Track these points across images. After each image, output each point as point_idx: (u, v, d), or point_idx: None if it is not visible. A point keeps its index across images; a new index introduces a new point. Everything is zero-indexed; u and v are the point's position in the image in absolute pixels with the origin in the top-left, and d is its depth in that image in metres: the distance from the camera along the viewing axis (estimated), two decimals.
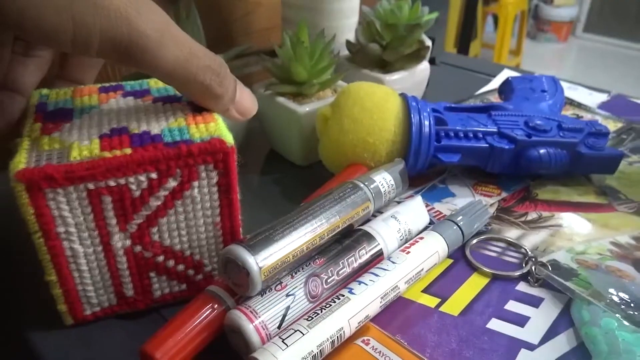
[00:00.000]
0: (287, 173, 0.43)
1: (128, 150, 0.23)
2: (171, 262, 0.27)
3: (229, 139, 0.25)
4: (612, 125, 0.47)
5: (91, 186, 0.23)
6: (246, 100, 0.28)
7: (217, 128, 0.25)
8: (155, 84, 0.30)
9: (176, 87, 0.25)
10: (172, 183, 0.24)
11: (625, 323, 0.25)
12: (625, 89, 0.56)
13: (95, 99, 0.28)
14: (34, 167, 0.22)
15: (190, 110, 0.27)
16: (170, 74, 0.23)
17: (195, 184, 0.25)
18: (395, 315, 0.27)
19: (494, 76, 0.60)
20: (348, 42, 0.49)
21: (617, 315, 0.26)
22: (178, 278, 0.27)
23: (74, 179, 0.22)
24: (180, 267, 0.27)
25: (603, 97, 0.54)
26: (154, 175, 0.24)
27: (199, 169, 0.25)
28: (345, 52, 0.50)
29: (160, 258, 0.26)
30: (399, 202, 0.34)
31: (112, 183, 0.23)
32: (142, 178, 0.24)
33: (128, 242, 0.25)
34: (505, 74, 0.60)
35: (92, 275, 0.25)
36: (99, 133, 0.25)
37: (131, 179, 0.23)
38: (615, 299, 0.27)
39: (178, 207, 0.25)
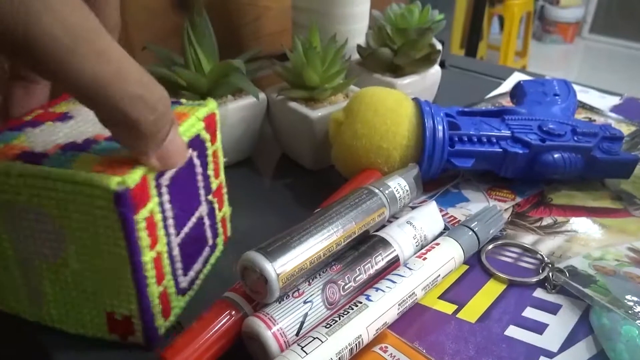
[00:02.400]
0: (298, 178, 0.43)
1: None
2: None
3: None
4: (625, 129, 0.46)
5: None
6: (175, 149, 0.23)
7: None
8: None
9: (94, 111, 0.20)
10: None
11: None
12: (633, 90, 0.55)
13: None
14: None
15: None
16: (85, 93, 0.19)
17: None
18: (412, 322, 0.27)
19: (504, 79, 0.60)
20: (359, 47, 0.49)
21: (637, 322, 0.25)
22: None
23: None
24: None
25: (615, 100, 0.53)
26: None
27: None
28: (355, 56, 0.50)
29: None
30: (413, 208, 0.33)
31: None
32: None
33: None
34: (516, 77, 0.60)
35: None
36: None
37: None
38: (635, 306, 0.27)
39: None
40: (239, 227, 0.35)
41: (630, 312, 0.26)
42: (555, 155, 0.36)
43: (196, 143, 0.27)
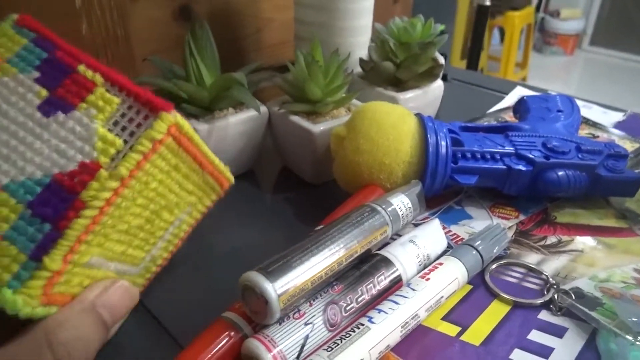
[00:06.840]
0: (300, 191, 0.42)
1: None
2: None
3: None
4: (629, 146, 0.46)
5: None
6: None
7: None
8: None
9: None
10: None
11: None
12: (633, 103, 0.55)
13: None
14: None
15: None
16: None
17: None
18: (414, 343, 0.27)
19: (506, 93, 0.60)
20: (361, 60, 0.49)
21: None
22: None
23: None
24: None
25: (618, 116, 0.53)
26: None
27: None
28: (357, 69, 0.49)
29: None
30: (416, 225, 0.33)
31: None
32: None
33: None
34: (518, 91, 0.60)
35: None
36: None
37: None
38: None
39: None
40: (239, 241, 0.34)
41: (638, 337, 0.26)
42: (560, 173, 0.36)
43: None
